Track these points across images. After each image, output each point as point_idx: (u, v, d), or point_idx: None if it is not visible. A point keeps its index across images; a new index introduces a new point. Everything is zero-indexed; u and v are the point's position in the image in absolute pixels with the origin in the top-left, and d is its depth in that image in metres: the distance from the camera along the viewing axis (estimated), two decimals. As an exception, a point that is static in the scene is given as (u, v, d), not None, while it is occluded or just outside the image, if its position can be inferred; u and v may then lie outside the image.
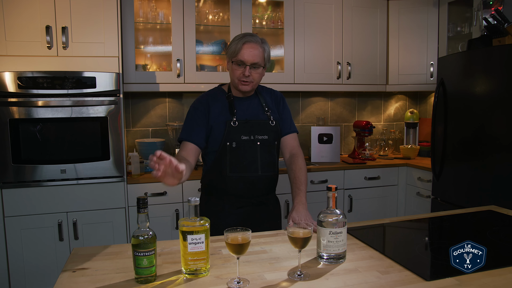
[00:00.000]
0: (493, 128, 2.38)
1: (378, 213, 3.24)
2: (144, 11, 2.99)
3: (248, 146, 1.75)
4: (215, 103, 1.78)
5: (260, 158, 1.76)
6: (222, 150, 1.74)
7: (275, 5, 3.27)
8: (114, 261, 1.24)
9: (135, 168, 2.74)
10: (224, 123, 1.74)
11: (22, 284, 2.49)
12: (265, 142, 1.78)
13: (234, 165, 1.74)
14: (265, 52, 1.73)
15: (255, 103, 1.83)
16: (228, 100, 1.79)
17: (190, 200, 1.14)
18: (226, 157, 1.74)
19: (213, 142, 1.75)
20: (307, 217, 1.58)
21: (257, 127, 1.77)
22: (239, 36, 1.74)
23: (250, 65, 1.69)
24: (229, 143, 1.73)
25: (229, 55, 1.75)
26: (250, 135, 1.75)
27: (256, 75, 1.72)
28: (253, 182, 1.77)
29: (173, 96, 3.27)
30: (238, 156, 1.74)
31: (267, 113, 1.81)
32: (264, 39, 1.75)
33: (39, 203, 2.47)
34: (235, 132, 1.73)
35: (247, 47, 1.69)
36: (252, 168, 1.75)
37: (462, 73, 2.61)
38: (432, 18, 3.31)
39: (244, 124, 1.75)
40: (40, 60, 2.44)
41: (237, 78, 1.72)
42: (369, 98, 3.84)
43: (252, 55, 1.69)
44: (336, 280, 1.11)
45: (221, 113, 1.76)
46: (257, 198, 1.81)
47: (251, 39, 1.71)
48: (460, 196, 2.63)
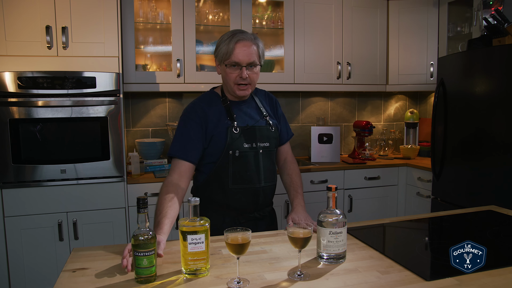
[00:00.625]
0: (493, 128, 2.38)
1: (378, 213, 3.24)
2: (144, 11, 2.99)
3: (251, 155, 1.61)
4: (211, 110, 1.61)
5: (263, 168, 1.63)
6: (224, 160, 1.58)
7: (275, 5, 3.27)
8: (114, 261, 1.24)
9: (135, 168, 2.74)
10: (225, 130, 1.58)
11: (22, 284, 2.49)
12: (267, 149, 1.65)
13: (237, 176, 1.60)
14: (259, 49, 1.57)
15: (253, 107, 1.69)
16: (225, 105, 1.62)
17: (190, 200, 1.14)
18: (228, 168, 1.59)
19: (213, 153, 1.59)
20: (307, 218, 1.57)
21: (258, 134, 1.63)
22: (227, 35, 1.56)
23: (246, 66, 1.54)
24: (232, 152, 1.58)
25: (220, 57, 1.57)
26: (252, 143, 1.61)
27: (253, 75, 1.57)
28: (257, 194, 1.64)
29: (173, 96, 3.27)
30: (242, 166, 1.60)
31: (266, 117, 1.68)
32: (255, 34, 1.60)
33: (39, 203, 2.47)
34: (237, 139, 1.58)
35: (240, 46, 1.52)
36: (255, 179, 1.62)
37: (462, 73, 2.61)
38: (432, 18, 3.31)
39: (246, 130, 1.61)
40: (40, 60, 2.44)
41: (233, 82, 1.57)
42: (369, 98, 3.84)
43: (247, 54, 1.53)
44: (336, 280, 1.11)
45: (219, 120, 1.60)
46: (260, 212, 1.69)
47: (243, 36, 1.54)
48: (460, 196, 2.63)
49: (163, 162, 2.97)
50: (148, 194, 2.67)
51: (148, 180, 2.70)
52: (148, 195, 2.66)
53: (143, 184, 2.68)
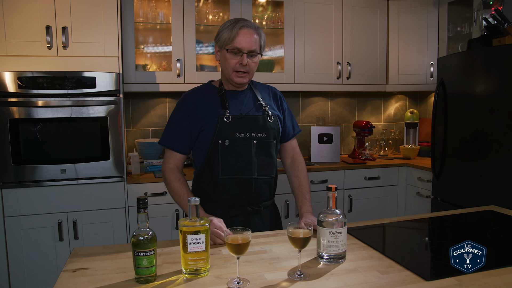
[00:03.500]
0: (493, 128, 2.38)
1: (378, 213, 3.24)
2: (144, 11, 2.99)
3: (243, 145, 1.58)
4: (204, 100, 1.61)
5: (256, 159, 1.59)
6: (213, 149, 1.57)
7: (275, 5, 3.27)
8: (114, 261, 1.24)
9: (135, 168, 2.74)
10: (215, 118, 1.57)
11: (22, 284, 2.49)
12: (263, 140, 1.61)
13: (226, 166, 1.57)
14: (261, 39, 1.58)
15: (250, 97, 1.66)
16: (220, 94, 1.62)
17: (190, 200, 1.14)
18: (217, 157, 1.57)
19: (204, 141, 1.59)
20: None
21: (253, 123, 1.60)
22: (230, 21, 1.56)
23: (247, 53, 1.53)
24: (221, 141, 1.56)
25: (221, 43, 1.56)
26: (245, 132, 1.58)
27: (253, 64, 1.57)
28: (249, 187, 1.59)
29: (173, 96, 3.27)
30: (231, 156, 1.57)
31: (265, 107, 1.64)
32: (257, 25, 1.60)
33: (39, 203, 2.47)
34: (228, 128, 1.56)
35: (243, 33, 1.52)
36: (246, 170, 1.58)
37: (462, 73, 2.61)
38: (432, 18, 3.31)
39: (239, 119, 1.58)
40: (40, 60, 2.44)
41: (232, 69, 1.56)
42: (369, 98, 3.84)
43: (250, 41, 1.53)
44: (336, 280, 1.11)
45: (211, 109, 1.59)
46: (253, 206, 1.63)
47: (247, 23, 1.55)
48: (460, 196, 2.63)
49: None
50: (148, 194, 2.67)
51: (148, 180, 2.70)
52: (148, 195, 2.66)
53: (143, 184, 2.68)
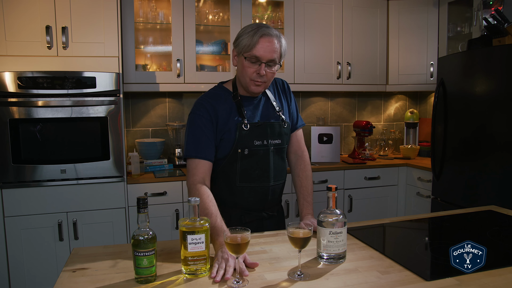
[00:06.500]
0: (493, 128, 2.38)
1: (378, 213, 3.24)
2: (144, 11, 2.99)
3: (261, 153, 1.56)
4: (221, 106, 1.55)
5: (273, 166, 1.59)
6: (232, 157, 1.54)
7: (275, 5, 3.27)
8: (114, 261, 1.24)
9: (135, 168, 2.74)
10: (234, 127, 1.53)
11: (22, 284, 2.49)
12: (278, 146, 1.60)
13: (244, 174, 1.56)
14: (282, 47, 1.50)
15: (264, 102, 1.63)
16: (235, 101, 1.56)
17: (190, 200, 1.14)
18: (235, 166, 1.55)
19: (223, 149, 1.54)
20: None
21: (270, 131, 1.58)
22: (252, 26, 1.49)
23: (265, 62, 1.47)
24: (241, 150, 1.53)
25: (239, 48, 1.49)
26: (263, 140, 1.56)
27: (270, 74, 1.50)
28: (265, 193, 1.60)
29: (173, 96, 3.27)
30: (250, 164, 1.55)
31: (279, 113, 1.62)
32: (279, 32, 1.52)
33: (39, 203, 2.47)
34: (247, 136, 1.53)
35: (264, 41, 1.45)
36: (264, 178, 1.58)
37: (462, 73, 2.61)
38: (432, 18, 3.31)
39: (257, 127, 1.55)
40: (40, 60, 2.43)
41: (249, 78, 1.50)
42: (369, 98, 3.84)
43: (270, 51, 1.45)
44: (336, 280, 1.11)
45: (230, 117, 1.54)
46: (268, 211, 1.65)
47: (268, 31, 1.47)
48: (460, 196, 2.63)
49: (163, 162, 2.97)
50: (148, 194, 2.67)
51: (148, 180, 2.70)
52: (148, 195, 2.66)
53: (143, 184, 2.68)
